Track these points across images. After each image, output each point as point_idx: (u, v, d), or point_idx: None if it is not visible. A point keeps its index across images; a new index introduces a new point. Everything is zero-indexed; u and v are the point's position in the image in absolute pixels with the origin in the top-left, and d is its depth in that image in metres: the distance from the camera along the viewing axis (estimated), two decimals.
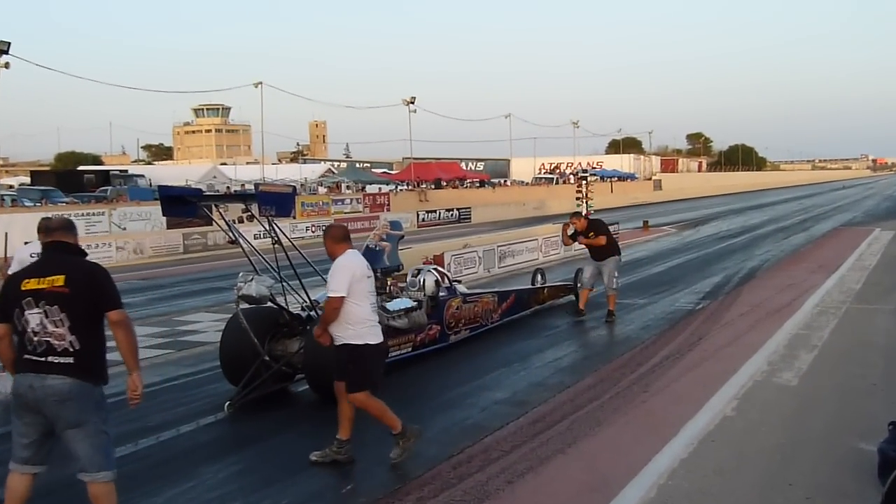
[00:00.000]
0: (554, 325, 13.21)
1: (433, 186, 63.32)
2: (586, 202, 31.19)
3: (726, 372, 9.56)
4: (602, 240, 13.65)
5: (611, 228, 28.40)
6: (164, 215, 10.30)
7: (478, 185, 73.22)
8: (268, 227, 8.89)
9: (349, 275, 6.58)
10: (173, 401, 9.27)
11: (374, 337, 6.68)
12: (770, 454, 6.86)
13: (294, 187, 9.89)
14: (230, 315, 9.72)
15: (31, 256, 8.62)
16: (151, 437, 7.93)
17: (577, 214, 14.39)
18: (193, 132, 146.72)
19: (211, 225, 28.88)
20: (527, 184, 78.52)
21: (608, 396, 8.86)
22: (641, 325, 13.22)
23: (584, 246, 14.30)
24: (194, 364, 11.17)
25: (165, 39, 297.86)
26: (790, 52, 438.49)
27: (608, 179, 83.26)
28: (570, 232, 13.99)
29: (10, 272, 6.83)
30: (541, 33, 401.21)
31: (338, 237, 6.88)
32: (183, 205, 9.50)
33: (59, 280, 5.01)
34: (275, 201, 8.58)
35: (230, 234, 9.13)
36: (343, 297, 6.53)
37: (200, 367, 10.95)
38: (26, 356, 4.98)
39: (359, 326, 6.58)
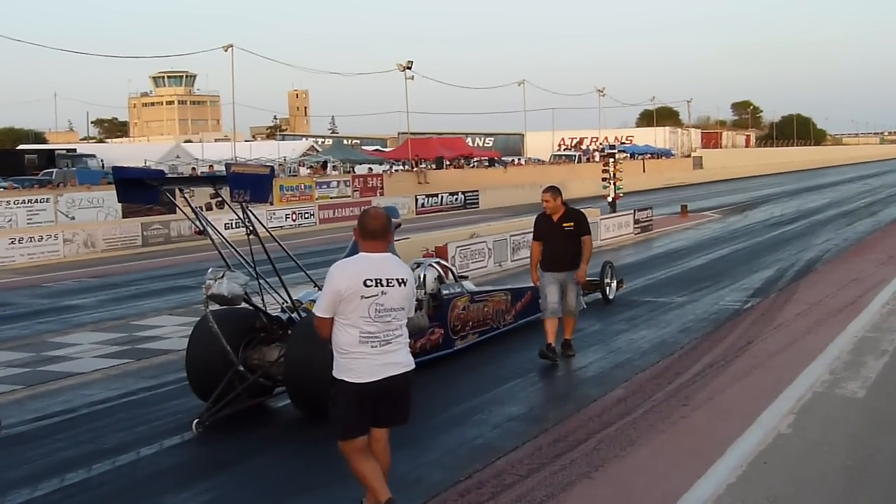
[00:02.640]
0: (577, 328, 13.17)
1: (434, 166, 63.27)
2: (614, 184, 31.32)
3: (781, 382, 9.55)
4: (588, 242, 11.46)
5: (643, 215, 28.92)
6: (119, 201, 10.35)
7: (486, 164, 73.18)
8: (241, 215, 8.90)
9: (332, 291, 5.80)
10: (132, 419, 9.29)
11: (347, 373, 5.81)
12: (833, 478, 6.85)
13: (272, 168, 9.88)
14: (196, 318, 9.73)
15: None
16: (107, 461, 7.94)
17: (553, 190, 11.55)
18: (152, 104, 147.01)
19: (174, 213, 29.18)
20: (544, 162, 78.44)
21: (641, 411, 8.86)
22: (680, 328, 13.22)
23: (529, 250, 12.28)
24: (156, 376, 11.19)
25: None
26: (856, 5, 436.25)
27: (639, 157, 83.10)
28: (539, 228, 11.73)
29: None
30: None
31: (367, 231, 5.94)
32: (142, 189, 9.50)
33: None
34: (249, 184, 8.58)
35: (198, 223, 9.13)
36: (323, 318, 5.88)
37: (163, 378, 10.98)
38: None
39: (337, 356, 5.89)
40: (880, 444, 7.67)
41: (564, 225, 11.31)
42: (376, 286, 5.75)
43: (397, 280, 5.84)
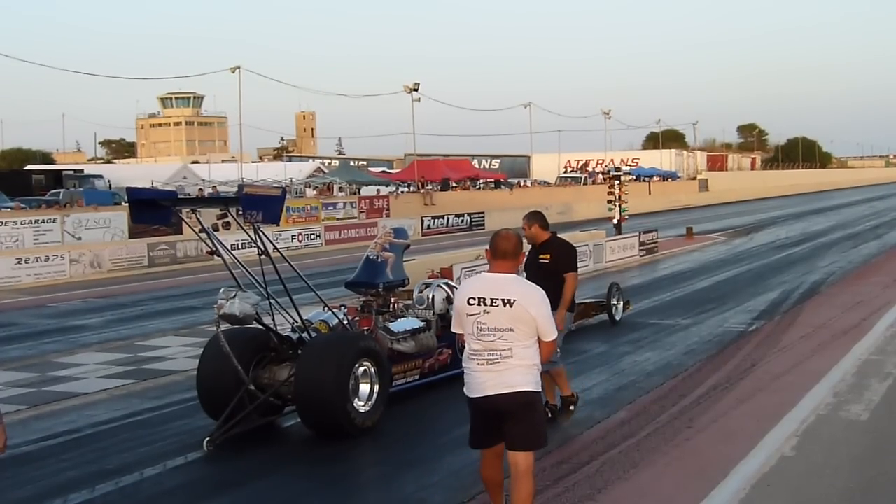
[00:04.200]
0: (582, 350, 13.21)
1: (440, 188, 63.38)
2: (619, 206, 31.26)
3: (784, 404, 9.55)
4: (570, 281, 9.24)
5: (649, 237, 28.93)
6: (134, 222, 10.41)
7: (492, 185, 73.28)
8: (253, 236, 8.95)
9: (454, 308, 6.35)
10: (136, 439, 9.31)
11: (466, 387, 6.13)
12: (836, 501, 6.85)
13: (283, 189, 9.95)
14: (202, 339, 9.80)
15: None
16: (110, 481, 7.96)
17: (529, 216, 9.54)
18: (160, 125, 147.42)
19: (181, 233, 29.24)
20: (550, 184, 78.55)
21: (645, 433, 8.86)
22: (685, 350, 13.22)
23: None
24: (161, 396, 11.21)
25: (128, 19, 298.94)
26: (859, 28, 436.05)
27: (645, 179, 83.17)
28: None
29: None
30: (566, 10, 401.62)
31: (497, 251, 6.10)
32: (156, 210, 9.57)
33: None
34: (261, 205, 8.65)
35: (210, 243, 9.17)
36: (457, 333, 6.29)
37: (168, 399, 11.00)
38: None
39: None
40: (883, 467, 7.66)
41: (540, 257, 9.34)
42: (479, 305, 5.94)
43: (503, 300, 5.88)
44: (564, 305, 9.13)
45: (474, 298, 5.97)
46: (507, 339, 5.87)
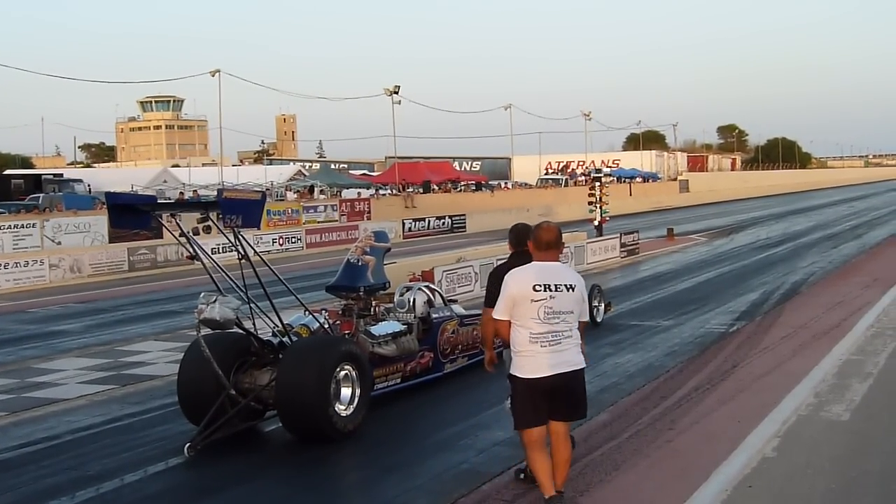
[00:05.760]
0: None
1: (421, 190, 63.37)
2: (600, 207, 31.36)
3: (766, 405, 9.57)
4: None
5: (630, 238, 29.02)
6: (113, 227, 10.34)
7: (473, 188, 73.31)
8: (233, 240, 8.92)
9: (507, 296, 6.54)
10: (117, 445, 9.27)
11: (519, 369, 6.53)
12: (818, 502, 6.87)
13: (263, 193, 9.93)
14: (182, 344, 9.75)
15: None
16: (90, 488, 7.91)
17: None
18: (140, 129, 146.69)
19: (161, 238, 29.13)
20: (531, 186, 78.67)
21: (627, 435, 8.87)
22: (666, 351, 13.25)
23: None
24: (141, 402, 11.16)
25: (107, 21, 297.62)
26: (838, 29, 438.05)
27: (626, 180, 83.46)
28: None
29: None
30: (546, 11, 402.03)
31: (541, 242, 6.68)
32: (135, 215, 9.53)
33: None
34: (241, 210, 8.62)
35: (189, 248, 9.13)
36: (501, 320, 6.59)
37: (149, 404, 10.95)
38: None
39: (512, 354, 6.64)
40: (865, 466, 7.69)
41: None
42: (545, 290, 6.44)
43: (566, 286, 6.51)
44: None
45: (540, 285, 6.43)
46: (568, 321, 6.49)
